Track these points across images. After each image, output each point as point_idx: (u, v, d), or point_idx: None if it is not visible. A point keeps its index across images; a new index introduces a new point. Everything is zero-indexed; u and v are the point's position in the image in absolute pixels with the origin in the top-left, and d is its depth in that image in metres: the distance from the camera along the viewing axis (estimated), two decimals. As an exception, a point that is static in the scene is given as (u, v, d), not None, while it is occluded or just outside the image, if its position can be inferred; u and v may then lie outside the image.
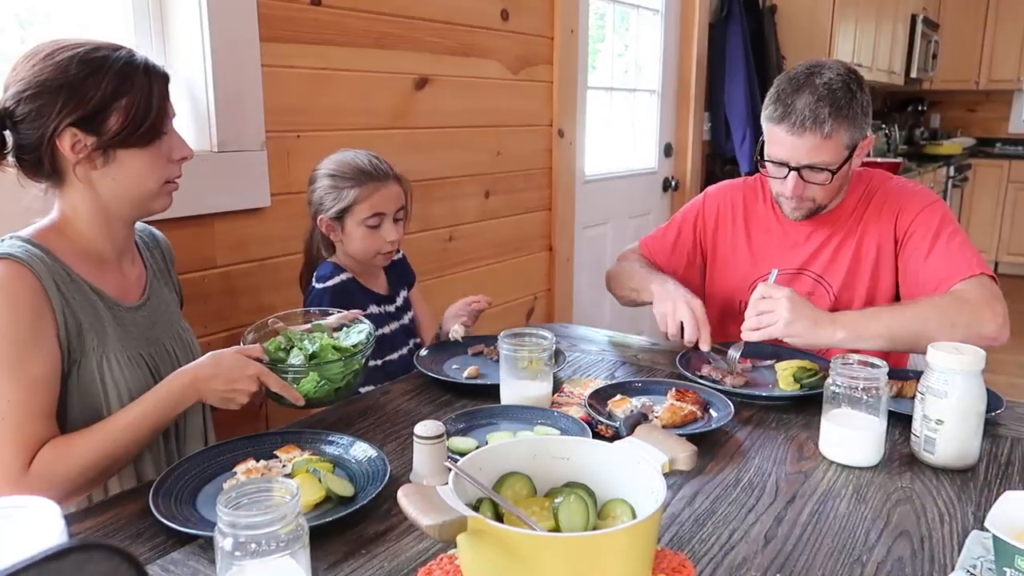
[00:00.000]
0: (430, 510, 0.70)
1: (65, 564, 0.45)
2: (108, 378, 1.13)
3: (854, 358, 1.15)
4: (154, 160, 1.14)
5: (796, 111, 1.45)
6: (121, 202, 1.15)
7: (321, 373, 1.20)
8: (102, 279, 1.17)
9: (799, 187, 1.51)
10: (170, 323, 1.28)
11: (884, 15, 4.91)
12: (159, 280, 1.31)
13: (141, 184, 1.14)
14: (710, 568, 0.87)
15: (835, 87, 1.45)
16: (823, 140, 1.44)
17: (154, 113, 1.12)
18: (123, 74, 1.09)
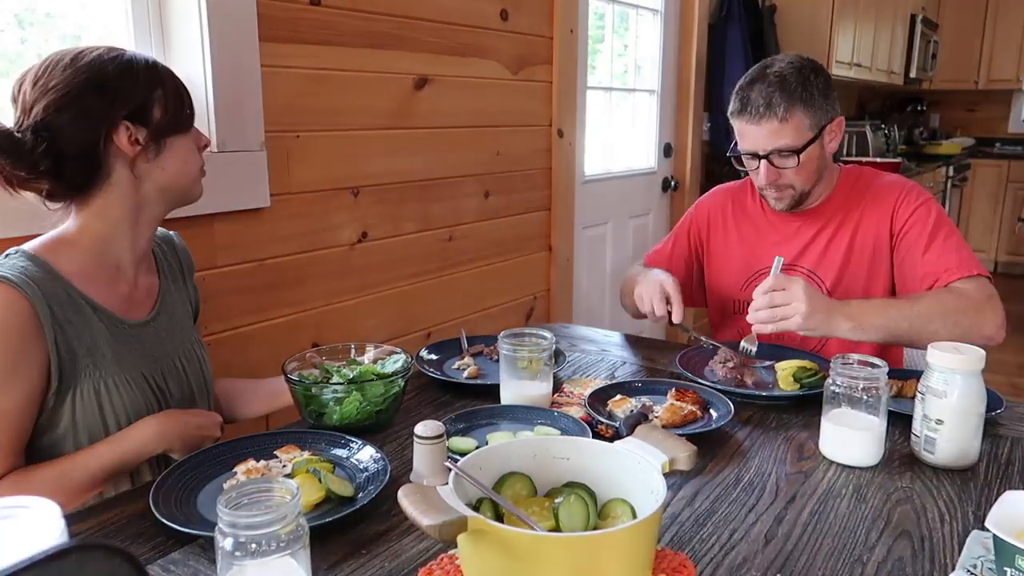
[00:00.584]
0: (430, 510, 0.70)
1: (65, 564, 0.45)
2: (106, 402, 1.11)
3: (854, 358, 1.15)
4: (192, 145, 1.20)
5: (751, 101, 1.53)
6: (168, 192, 1.18)
7: (363, 394, 1.20)
8: (109, 294, 1.15)
9: (772, 174, 1.55)
10: (182, 337, 1.27)
11: (883, 15, 4.91)
12: (173, 290, 1.29)
13: (188, 170, 1.19)
14: (710, 568, 0.87)
15: (786, 75, 1.52)
16: (780, 124, 1.51)
17: (186, 98, 1.18)
18: (150, 68, 1.14)
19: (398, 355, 1.33)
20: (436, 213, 2.29)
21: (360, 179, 2.03)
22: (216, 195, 1.69)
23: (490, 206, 2.49)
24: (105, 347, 1.12)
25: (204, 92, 1.66)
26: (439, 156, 2.27)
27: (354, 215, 2.03)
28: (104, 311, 1.13)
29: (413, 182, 2.20)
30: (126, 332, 1.16)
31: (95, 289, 1.13)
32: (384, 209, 2.12)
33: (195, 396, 1.27)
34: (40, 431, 1.09)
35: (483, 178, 2.45)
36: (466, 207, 2.40)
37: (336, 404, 1.20)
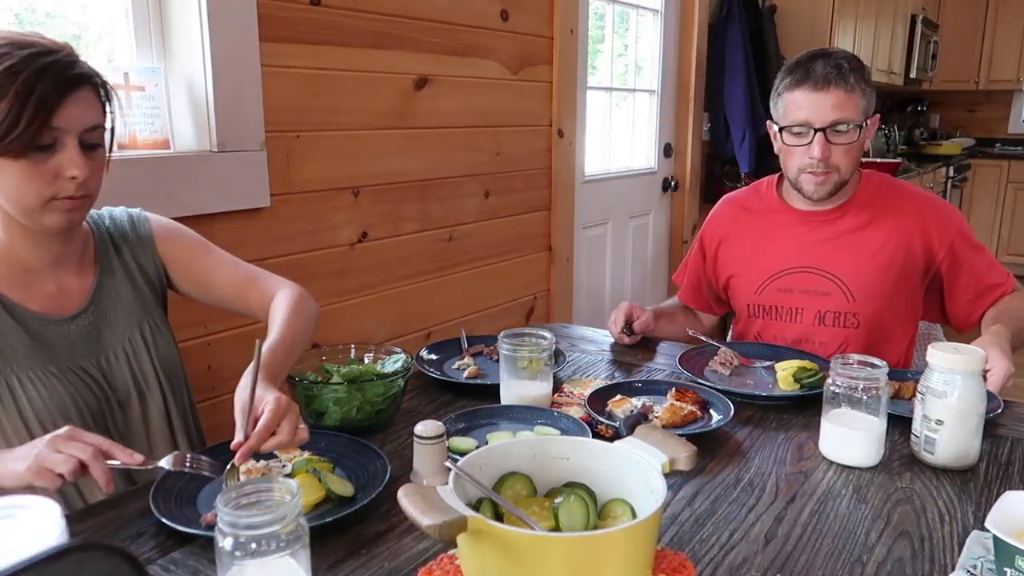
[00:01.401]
0: (430, 510, 0.70)
1: (66, 564, 0.45)
2: (22, 398, 1.08)
3: (854, 358, 1.15)
4: (32, 175, 1.03)
5: (816, 71, 1.49)
6: (11, 212, 1.07)
7: (363, 394, 1.20)
8: (25, 291, 1.12)
9: (826, 148, 1.50)
10: (126, 327, 1.22)
11: (884, 15, 4.91)
12: (116, 284, 1.23)
13: (19, 198, 1.05)
14: (710, 568, 0.87)
15: (848, 57, 1.52)
16: (847, 94, 1.48)
17: (25, 123, 0.99)
18: (3, 76, 0.99)
19: (398, 355, 1.33)
20: (436, 213, 2.29)
21: (360, 179, 2.03)
22: (216, 195, 1.69)
23: (490, 206, 2.49)
24: (17, 344, 1.09)
25: (204, 92, 1.67)
26: (439, 156, 2.27)
27: (354, 215, 2.03)
28: (18, 309, 1.11)
29: (413, 182, 2.20)
30: (48, 328, 1.13)
31: (8, 288, 1.11)
32: (384, 209, 2.12)
33: (141, 389, 1.22)
34: None
35: (483, 178, 2.45)
36: (466, 207, 2.40)
37: (336, 404, 1.20)
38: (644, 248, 3.53)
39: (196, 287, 1.32)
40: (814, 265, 1.62)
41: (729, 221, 1.76)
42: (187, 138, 1.70)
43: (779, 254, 1.65)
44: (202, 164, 1.66)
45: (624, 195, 3.32)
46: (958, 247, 1.57)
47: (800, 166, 1.55)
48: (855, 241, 1.59)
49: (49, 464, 0.90)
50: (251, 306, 1.32)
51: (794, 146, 1.54)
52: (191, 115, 1.69)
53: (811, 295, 1.62)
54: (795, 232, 1.64)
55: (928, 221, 1.58)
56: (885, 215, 1.59)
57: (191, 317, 1.65)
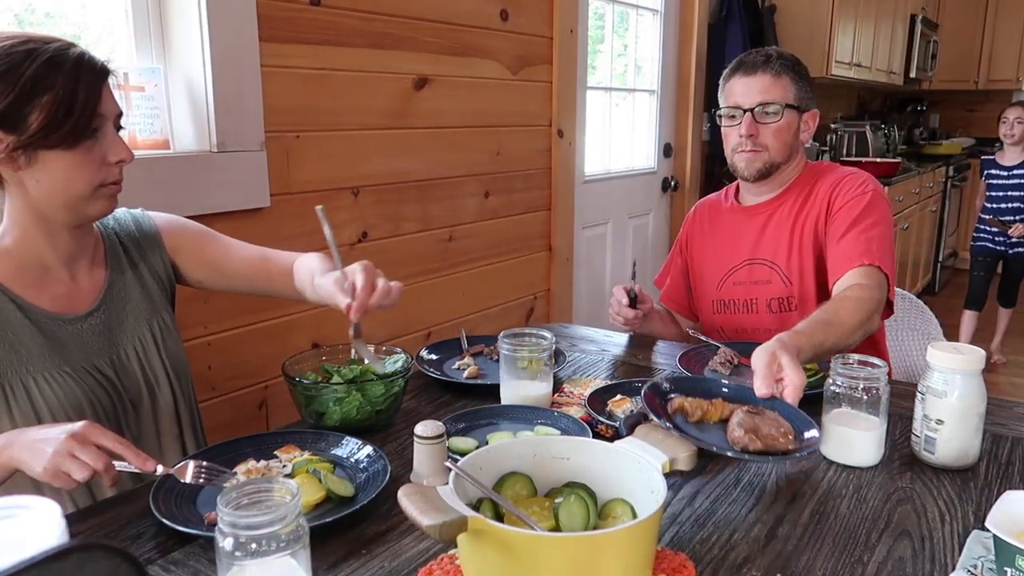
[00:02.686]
0: (430, 510, 0.70)
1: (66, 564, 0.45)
2: (37, 398, 1.08)
3: (854, 358, 1.15)
4: (83, 162, 1.06)
5: (748, 60, 1.64)
6: (51, 206, 1.08)
7: (363, 394, 1.20)
8: (39, 290, 1.13)
9: (752, 127, 1.60)
10: (135, 327, 1.23)
11: (883, 15, 4.91)
12: (126, 281, 1.24)
13: (68, 188, 1.06)
14: (711, 568, 0.87)
15: (783, 52, 1.66)
16: (772, 79, 1.60)
17: (79, 111, 1.03)
18: (46, 67, 1.01)
19: (398, 355, 1.33)
20: (436, 213, 2.29)
21: (360, 179, 2.03)
22: (216, 195, 1.69)
23: (490, 206, 2.49)
24: (31, 343, 1.09)
25: (204, 92, 1.67)
26: (439, 156, 2.27)
27: (354, 215, 2.03)
28: (33, 308, 1.11)
29: (413, 182, 2.20)
30: (59, 328, 1.13)
31: (23, 288, 1.11)
32: (384, 209, 2.12)
33: (152, 387, 1.23)
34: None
35: (483, 178, 2.45)
36: (466, 207, 2.40)
37: (336, 404, 1.20)
38: (644, 248, 3.53)
39: (211, 273, 1.33)
40: (758, 256, 1.70)
41: (697, 223, 1.84)
42: (187, 138, 1.70)
43: (732, 249, 1.74)
44: (202, 164, 1.66)
45: (624, 195, 3.32)
46: (841, 211, 1.58)
47: (732, 146, 1.66)
48: (787, 226, 1.66)
49: (65, 468, 0.91)
50: (272, 277, 1.33)
51: (728, 127, 1.66)
52: (191, 115, 1.69)
53: (760, 285, 1.69)
54: (744, 227, 1.73)
55: (833, 189, 1.62)
56: (808, 199, 1.66)
57: (192, 317, 1.65)
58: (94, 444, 0.93)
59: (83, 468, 0.91)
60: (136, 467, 0.95)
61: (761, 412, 1.04)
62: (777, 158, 1.63)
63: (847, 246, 1.54)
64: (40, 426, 0.99)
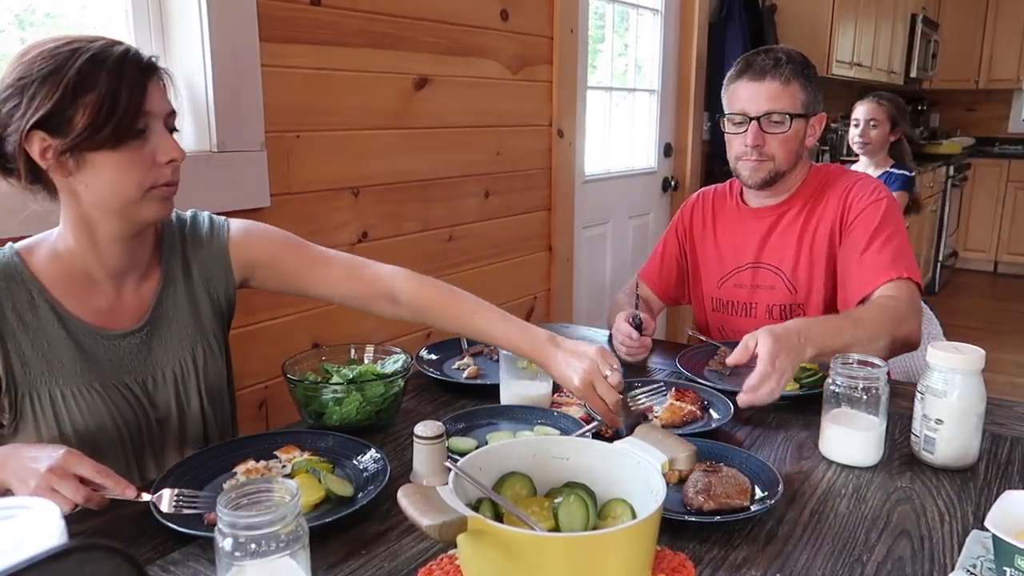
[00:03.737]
0: (430, 510, 0.70)
1: (66, 564, 0.45)
2: (61, 411, 1.07)
3: (854, 358, 1.15)
4: (131, 163, 1.02)
5: (756, 63, 1.57)
6: (104, 213, 1.05)
7: (363, 394, 1.20)
8: (83, 304, 1.10)
9: (759, 136, 1.56)
10: (177, 348, 1.18)
11: (884, 15, 4.91)
12: (179, 295, 1.19)
13: (117, 191, 1.03)
14: (710, 568, 0.87)
15: (792, 53, 1.59)
16: (781, 87, 1.55)
17: (122, 109, 0.99)
18: (89, 66, 0.98)
19: (398, 355, 1.33)
20: (436, 213, 2.29)
21: (360, 179, 2.03)
22: (216, 195, 1.69)
23: (490, 206, 2.49)
24: (64, 355, 1.07)
25: (204, 92, 1.67)
26: (439, 156, 2.27)
27: (354, 215, 2.03)
28: (72, 318, 1.08)
29: (413, 182, 2.20)
30: (99, 343, 1.10)
31: (67, 296, 1.09)
32: (384, 209, 2.12)
33: (183, 409, 1.19)
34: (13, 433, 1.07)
35: (483, 178, 2.45)
36: (466, 207, 2.40)
37: (336, 404, 1.20)
38: (644, 248, 3.53)
39: (288, 286, 1.27)
40: (762, 260, 1.68)
41: (700, 213, 1.81)
42: (187, 138, 1.70)
43: (734, 250, 1.71)
44: (202, 164, 1.66)
45: (624, 195, 3.32)
46: (859, 222, 1.55)
47: (736, 154, 1.62)
48: (795, 233, 1.64)
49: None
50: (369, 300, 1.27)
51: (733, 134, 1.61)
52: (191, 115, 1.69)
53: (762, 289, 1.67)
54: (748, 229, 1.70)
55: (847, 198, 1.59)
56: (820, 204, 1.63)
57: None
58: (74, 475, 0.91)
59: (63, 503, 0.89)
60: (117, 494, 0.93)
61: (717, 469, 1.01)
62: (783, 167, 1.60)
63: (872, 261, 1.50)
64: (31, 447, 0.95)
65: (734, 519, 0.93)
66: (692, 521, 0.94)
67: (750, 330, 1.64)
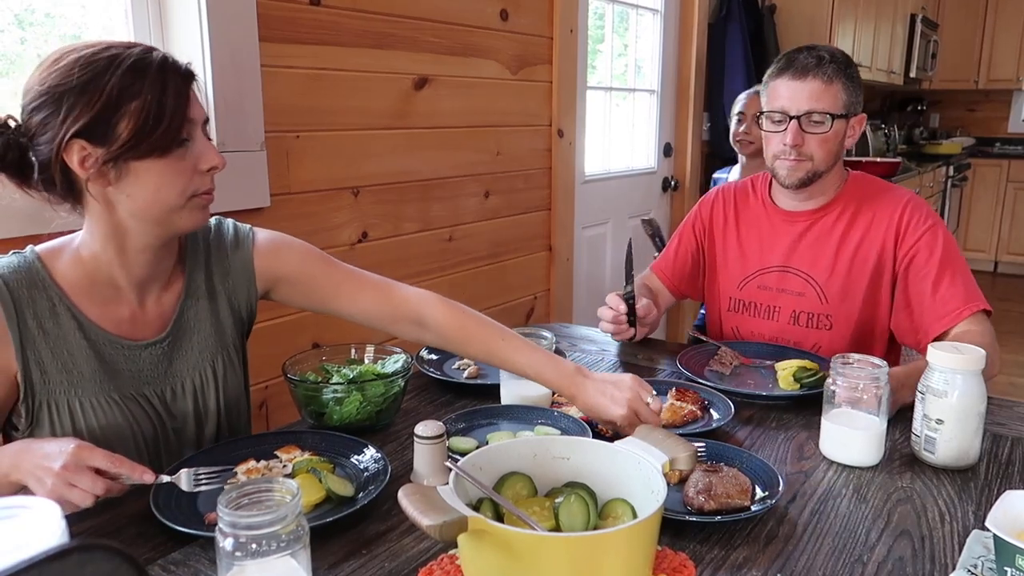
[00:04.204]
0: (430, 510, 0.70)
1: (66, 564, 0.45)
2: (80, 421, 1.06)
3: (854, 358, 1.15)
4: (175, 171, 1.01)
5: (799, 60, 1.53)
6: (142, 222, 1.04)
7: (364, 394, 1.20)
8: (105, 313, 1.08)
9: (798, 136, 1.52)
10: (198, 360, 1.17)
11: (883, 15, 4.91)
12: (203, 306, 1.17)
13: (161, 200, 1.02)
14: (711, 568, 0.87)
15: (835, 52, 1.55)
16: (825, 85, 1.51)
17: (168, 117, 0.98)
18: (131, 74, 0.96)
19: (398, 355, 1.33)
20: (436, 213, 2.29)
21: (360, 179, 2.03)
22: (216, 195, 1.69)
23: (490, 206, 2.49)
24: (84, 365, 1.06)
25: (204, 92, 1.66)
26: (439, 156, 2.27)
27: (354, 215, 2.03)
28: (93, 327, 1.07)
29: (413, 182, 2.20)
30: (118, 352, 1.09)
31: (89, 304, 1.07)
32: (384, 209, 2.12)
33: (201, 420, 1.18)
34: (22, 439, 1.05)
35: (483, 178, 2.45)
36: (466, 207, 2.40)
37: (336, 404, 1.20)
38: (644, 247, 3.53)
39: (312, 303, 1.25)
40: (792, 265, 1.63)
41: (721, 209, 1.77)
42: (187, 138, 1.70)
43: (762, 251, 1.67)
44: (202, 164, 1.66)
45: (624, 195, 3.32)
46: (920, 252, 1.51)
47: (775, 152, 1.58)
48: (833, 242, 1.59)
49: (69, 497, 0.90)
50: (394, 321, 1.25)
51: (772, 132, 1.57)
52: (191, 115, 1.69)
53: (788, 295, 1.63)
54: (779, 231, 1.66)
55: (900, 223, 1.55)
56: (864, 215, 1.58)
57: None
58: (88, 467, 0.90)
59: (83, 497, 0.90)
60: (135, 480, 0.93)
61: (718, 469, 1.01)
62: (822, 167, 1.55)
63: (949, 294, 1.47)
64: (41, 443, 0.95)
65: (735, 519, 0.93)
66: (693, 521, 0.94)
67: (769, 333, 1.64)
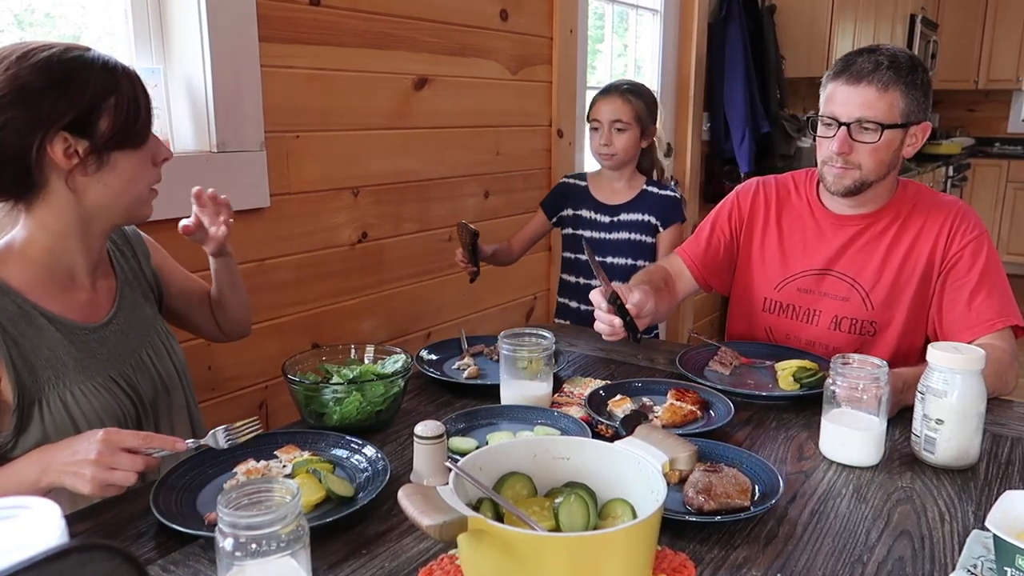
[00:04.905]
0: (430, 510, 0.70)
1: (66, 564, 0.45)
2: (75, 411, 1.09)
3: (854, 358, 1.15)
4: (144, 162, 1.10)
5: (856, 64, 1.46)
6: (109, 211, 1.10)
7: (364, 394, 1.20)
8: (65, 302, 1.12)
9: (846, 145, 1.46)
10: (144, 332, 1.24)
11: (883, 15, 4.91)
12: (132, 286, 1.25)
13: (132, 189, 1.09)
14: (711, 568, 0.87)
15: (899, 55, 1.47)
16: (878, 93, 1.44)
17: (143, 110, 1.07)
18: (107, 72, 1.04)
19: (398, 355, 1.33)
20: (436, 213, 2.29)
21: (360, 179, 2.03)
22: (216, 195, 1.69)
23: (490, 206, 2.49)
24: (65, 356, 1.09)
25: (204, 92, 1.66)
26: (439, 156, 2.27)
27: (354, 215, 2.03)
28: (61, 320, 1.10)
29: (413, 182, 2.20)
30: (88, 337, 1.13)
31: (49, 299, 1.10)
32: (384, 209, 2.12)
33: (168, 388, 1.25)
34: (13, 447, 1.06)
35: (483, 178, 2.45)
36: (466, 207, 2.40)
37: (336, 404, 1.20)
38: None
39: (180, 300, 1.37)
40: (838, 269, 1.58)
41: (761, 205, 1.69)
42: (187, 138, 1.70)
43: (805, 253, 1.62)
44: (202, 164, 1.66)
45: (624, 195, 3.31)
46: (964, 256, 1.50)
47: (823, 158, 1.53)
48: (882, 249, 1.55)
49: (112, 480, 0.94)
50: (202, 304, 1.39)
51: (823, 137, 1.52)
52: (191, 115, 1.69)
53: (831, 299, 1.59)
54: (825, 234, 1.60)
55: (950, 230, 1.52)
56: (915, 223, 1.55)
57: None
58: (122, 449, 0.95)
59: (126, 476, 0.95)
60: (168, 450, 0.98)
61: (718, 469, 1.01)
62: (870, 177, 1.50)
63: (984, 306, 1.45)
64: (58, 445, 0.99)
65: (735, 519, 0.93)
66: (693, 521, 0.94)
67: (808, 337, 1.60)
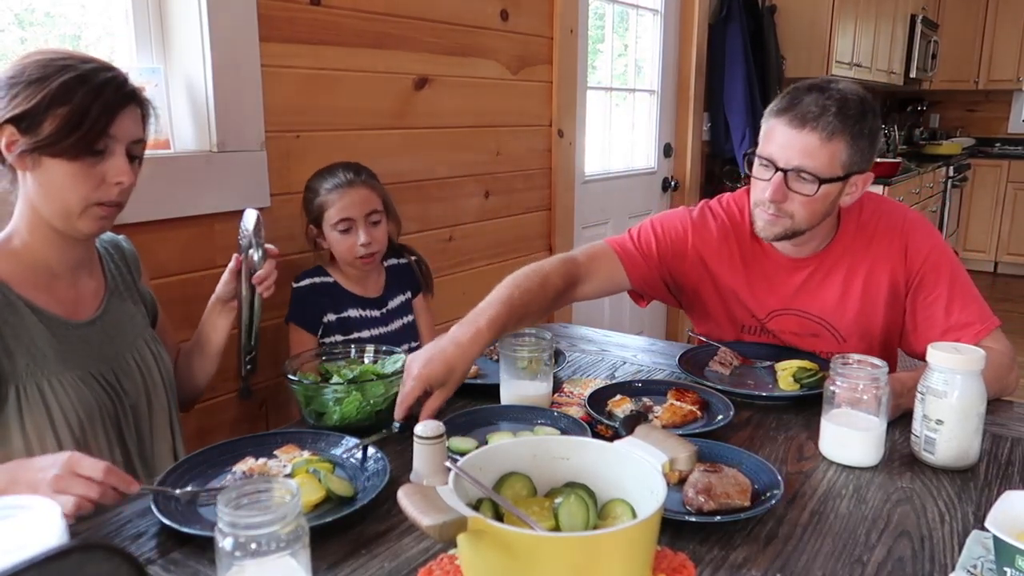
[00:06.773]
0: (430, 510, 0.70)
1: (66, 564, 0.45)
2: (52, 401, 1.12)
3: (854, 358, 1.15)
4: (79, 176, 1.10)
5: (802, 104, 1.35)
6: (43, 210, 1.13)
7: (363, 394, 1.20)
8: (49, 295, 1.16)
9: (780, 193, 1.36)
10: (132, 337, 1.27)
11: (883, 15, 4.91)
12: (120, 295, 1.29)
13: (60, 198, 1.11)
14: (711, 568, 0.87)
15: (849, 99, 1.35)
16: (821, 142, 1.33)
17: (88, 128, 1.07)
18: (72, 83, 1.07)
19: (398, 355, 1.33)
20: (436, 213, 2.29)
21: (360, 179, 2.03)
22: (216, 195, 1.69)
23: (490, 206, 2.49)
24: (46, 347, 1.13)
25: (204, 92, 1.66)
26: (439, 156, 2.27)
27: (354, 215, 2.02)
28: (43, 312, 1.14)
29: (413, 182, 2.20)
30: (71, 332, 1.17)
31: (33, 292, 1.14)
32: (384, 209, 2.11)
33: (150, 394, 1.28)
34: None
35: (483, 178, 2.45)
36: (466, 207, 2.40)
37: (336, 404, 1.20)
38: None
39: None
40: (800, 308, 1.53)
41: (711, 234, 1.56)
42: (187, 138, 1.70)
43: (765, 296, 1.55)
44: (202, 164, 1.66)
45: (624, 195, 3.32)
46: (927, 271, 1.45)
47: (756, 199, 1.43)
48: (838, 285, 1.49)
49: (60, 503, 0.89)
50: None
51: (757, 178, 1.42)
52: (191, 115, 1.69)
53: (802, 337, 1.54)
54: (779, 276, 1.53)
55: (905, 248, 1.46)
56: (867, 250, 1.48)
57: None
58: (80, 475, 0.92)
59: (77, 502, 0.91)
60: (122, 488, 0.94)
61: (718, 469, 1.01)
62: (802, 226, 1.40)
63: (963, 319, 1.41)
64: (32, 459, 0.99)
65: (734, 519, 0.93)
66: (692, 521, 0.94)
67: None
